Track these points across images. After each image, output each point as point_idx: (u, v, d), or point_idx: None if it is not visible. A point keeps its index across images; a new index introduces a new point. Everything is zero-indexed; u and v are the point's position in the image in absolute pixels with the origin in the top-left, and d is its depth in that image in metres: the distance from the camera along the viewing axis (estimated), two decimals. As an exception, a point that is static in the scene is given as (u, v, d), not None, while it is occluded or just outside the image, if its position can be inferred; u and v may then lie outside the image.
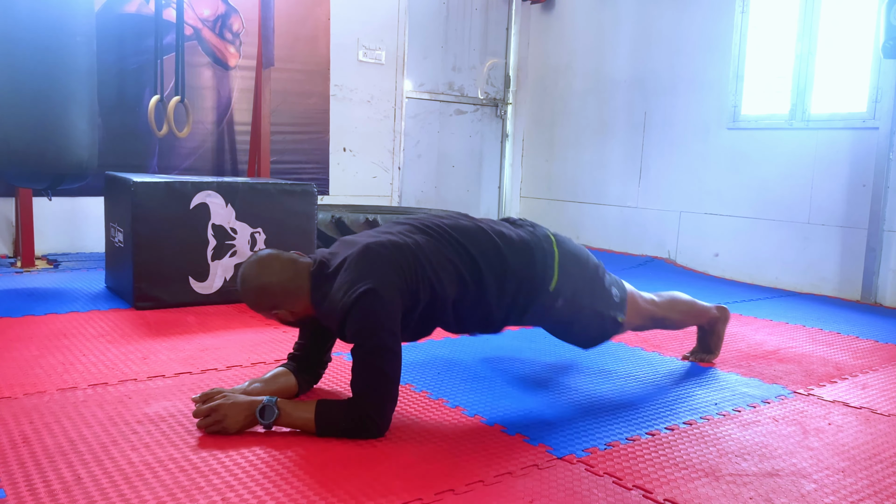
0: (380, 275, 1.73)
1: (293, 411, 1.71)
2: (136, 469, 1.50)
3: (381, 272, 1.73)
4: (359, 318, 1.69)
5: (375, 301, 1.69)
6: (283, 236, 3.25)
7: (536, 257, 1.96)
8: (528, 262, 1.95)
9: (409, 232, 1.89)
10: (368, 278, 1.71)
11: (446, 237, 1.90)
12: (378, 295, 1.69)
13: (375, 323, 1.69)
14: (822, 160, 4.18)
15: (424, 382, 2.17)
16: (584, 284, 2.05)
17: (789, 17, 4.37)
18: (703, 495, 1.52)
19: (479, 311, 1.92)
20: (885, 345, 2.98)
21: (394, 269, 1.75)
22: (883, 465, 1.74)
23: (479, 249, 1.90)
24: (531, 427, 1.85)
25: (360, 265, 1.75)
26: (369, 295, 1.68)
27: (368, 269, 1.74)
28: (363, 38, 5.26)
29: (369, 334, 1.69)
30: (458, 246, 1.89)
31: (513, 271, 1.92)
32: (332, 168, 5.19)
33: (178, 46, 4.09)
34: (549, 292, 1.97)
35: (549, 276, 1.97)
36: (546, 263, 1.97)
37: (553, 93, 5.93)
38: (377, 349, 1.69)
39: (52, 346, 2.39)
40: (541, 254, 1.97)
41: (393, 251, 1.79)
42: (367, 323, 1.69)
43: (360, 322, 1.69)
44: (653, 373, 2.41)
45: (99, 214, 3.89)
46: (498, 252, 1.92)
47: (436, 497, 1.44)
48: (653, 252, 5.13)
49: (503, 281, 1.91)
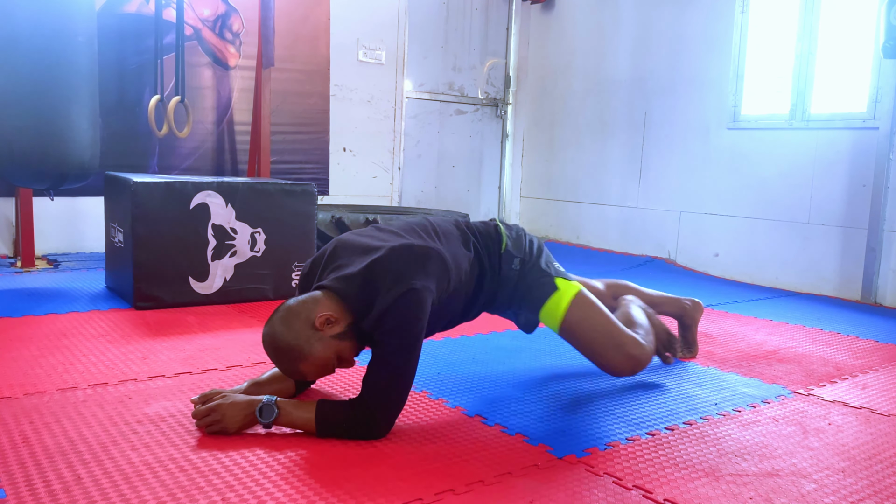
0: (423, 278, 1.73)
1: (293, 411, 1.70)
2: (136, 469, 1.50)
3: (423, 276, 1.74)
4: (398, 316, 1.68)
5: (416, 302, 1.69)
6: (283, 236, 3.26)
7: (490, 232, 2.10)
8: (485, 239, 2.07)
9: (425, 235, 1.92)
10: (412, 279, 1.71)
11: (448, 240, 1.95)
12: (420, 296, 1.69)
13: (411, 323, 1.69)
14: (822, 160, 4.18)
15: (424, 382, 2.17)
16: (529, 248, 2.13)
17: (789, 16, 4.37)
18: (703, 495, 1.52)
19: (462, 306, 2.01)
20: (885, 345, 2.98)
21: (433, 277, 1.77)
22: (883, 465, 1.74)
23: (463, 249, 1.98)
24: (531, 427, 1.85)
25: (404, 263, 1.74)
26: (413, 294, 1.68)
27: (414, 269, 1.73)
28: (363, 38, 5.26)
29: (402, 333, 1.68)
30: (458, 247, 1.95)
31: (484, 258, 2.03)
32: (332, 168, 5.19)
33: (178, 46, 4.09)
34: (503, 254, 2.05)
35: (499, 241, 2.07)
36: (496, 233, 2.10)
37: (553, 93, 5.93)
38: (404, 349, 1.68)
39: (52, 346, 2.39)
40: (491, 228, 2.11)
41: (434, 260, 1.80)
42: (404, 322, 1.68)
43: (399, 319, 1.68)
44: (653, 373, 2.41)
45: (99, 214, 3.89)
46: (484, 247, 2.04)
47: (436, 497, 1.44)
48: (653, 252, 5.13)
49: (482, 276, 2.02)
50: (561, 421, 1.91)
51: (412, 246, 1.79)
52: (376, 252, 1.77)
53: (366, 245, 1.83)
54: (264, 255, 3.21)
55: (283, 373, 1.76)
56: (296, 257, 3.30)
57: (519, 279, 2.07)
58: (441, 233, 1.95)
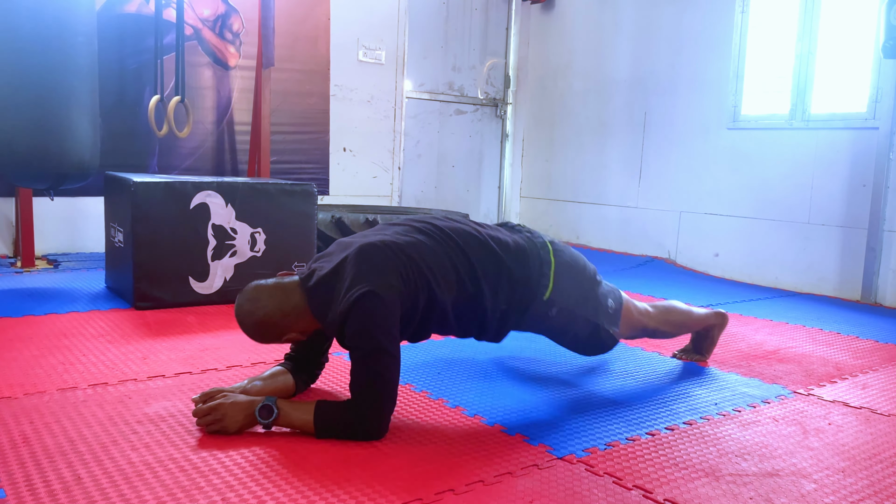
0: (377, 276, 1.71)
1: (292, 411, 1.70)
2: (136, 469, 1.50)
3: (378, 274, 1.71)
4: (356, 321, 1.67)
5: (373, 303, 1.67)
6: (283, 236, 3.25)
7: (532, 264, 1.95)
8: (523, 268, 1.93)
9: (406, 232, 1.87)
10: (365, 280, 1.69)
11: (444, 239, 1.88)
12: (376, 296, 1.67)
13: (373, 325, 1.67)
14: (822, 160, 4.18)
15: (424, 382, 2.17)
16: (579, 294, 2.03)
17: (789, 17, 4.37)
18: (703, 495, 1.52)
19: (476, 316, 1.91)
20: (885, 345, 2.98)
21: (391, 271, 1.73)
22: (883, 465, 1.74)
23: (476, 254, 1.89)
24: (531, 427, 1.85)
25: (356, 267, 1.73)
26: (367, 297, 1.67)
27: (366, 270, 1.72)
28: (363, 38, 5.26)
29: (367, 337, 1.67)
30: (456, 248, 1.87)
31: (508, 277, 1.91)
32: (332, 168, 5.19)
33: (178, 46, 4.09)
34: (544, 301, 1.95)
35: (545, 285, 1.95)
36: (542, 272, 1.96)
37: (553, 93, 5.93)
38: (375, 352, 1.67)
39: (52, 346, 2.39)
40: (537, 261, 1.96)
41: (389, 252, 1.76)
42: (365, 325, 1.67)
43: (358, 324, 1.67)
44: (653, 373, 2.41)
45: (99, 214, 3.89)
46: (495, 257, 1.90)
47: (436, 497, 1.44)
48: (653, 252, 5.13)
49: (498, 286, 1.90)
50: (561, 421, 1.91)
51: (366, 247, 1.77)
52: (337, 257, 1.79)
53: (345, 244, 1.85)
54: (264, 255, 3.21)
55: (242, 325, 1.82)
56: (296, 257, 3.30)
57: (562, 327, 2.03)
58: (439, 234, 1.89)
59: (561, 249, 2.04)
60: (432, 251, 1.83)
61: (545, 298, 1.95)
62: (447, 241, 1.88)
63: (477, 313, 1.90)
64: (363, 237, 1.86)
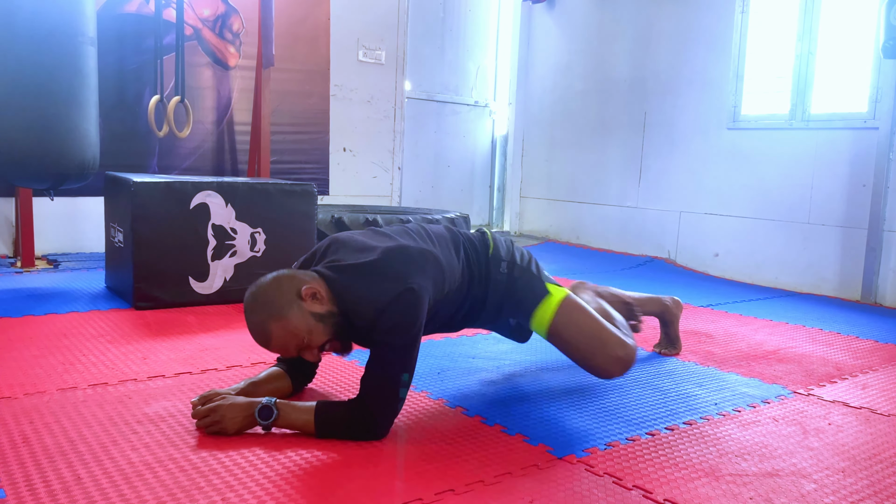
0: (420, 278, 1.74)
1: (292, 412, 1.70)
2: (136, 469, 1.50)
3: (421, 276, 1.74)
4: (396, 315, 1.68)
5: (415, 301, 1.69)
6: (283, 236, 3.25)
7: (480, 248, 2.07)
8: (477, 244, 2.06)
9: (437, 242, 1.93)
10: (410, 279, 1.71)
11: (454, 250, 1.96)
12: (418, 296, 1.69)
13: (411, 322, 1.69)
14: (822, 160, 4.18)
15: (424, 382, 2.17)
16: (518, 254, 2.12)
17: (789, 17, 4.37)
18: (703, 495, 1.52)
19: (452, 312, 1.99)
20: (885, 345, 2.98)
21: (430, 279, 1.78)
22: (883, 465, 1.74)
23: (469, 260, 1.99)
24: (531, 427, 1.85)
25: (402, 264, 1.75)
26: (411, 294, 1.69)
27: (412, 270, 1.74)
28: (363, 38, 5.26)
29: (402, 332, 1.68)
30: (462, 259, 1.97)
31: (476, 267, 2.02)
32: (332, 168, 5.19)
33: (178, 46, 4.09)
34: (490, 257, 2.04)
35: (487, 244, 2.07)
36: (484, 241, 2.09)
37: (553, 93, 5.93)
38: (404, 349, 1.68)
39: (52, 346, 2.39)
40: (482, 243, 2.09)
41: (431, 260, 1.81)
42: (404, 321, 1.68)
43: (397, 319, 1.68)
44: (653, 373, 2.41)
45: (99, 214, 3.89)
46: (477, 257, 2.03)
47: (436, 497, 1.44)
48: (653, 252, 5.13)
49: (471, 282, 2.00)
50: (561, 421, 1.91)
51: (408, 247, 1.80)
52: (372, 252, 1.78)
53: (362, 244, 1.84)
54: (264, 255, 3.21)
55: (251, 331, 1.73)
56: (296, 257, 3.26)
57: (509, 282, 2.05)
58: (434, 237, 1.96)
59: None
60: (450, 265, 1.90)
61: (490, 254, 2.05)
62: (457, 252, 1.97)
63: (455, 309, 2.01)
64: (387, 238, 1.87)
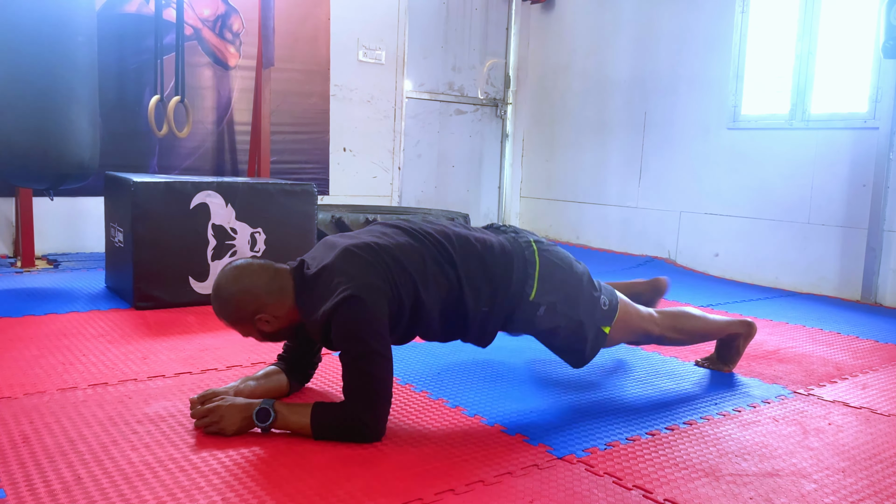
0: (361, 278, 1.70)
1: (289, 415, 1.70)
2: (136, 469, 1.50)
3: (362, 276, 1.70)
4: (343, 324, 1.66)
5: (358, 305, 1.66)
6: (283, 236, 3.25)
7: (517, 266, 1.92)
8: (506, 270, 1.91)
9: (392, 234, 1.87)
10: (350, 283, 1.68)
11: (430, 241, 1.87)
12: (360, 299, 1.66)
13: (360, 328, 1.66)
14: (822, 160, 4.18)
15: (424, 382, 2.17)
16: (566, 293, 1.98)
17: (789, 17, 4.37)
18: (703, 495, 1.52)
19: (458, 318, 1.89)
20: (885, 345, 2.98)
21: (375, 273, 1.72)
22: (883, 465, 1.74)
23: (460, 255, 1.87)
24: (531, 427, 1.85)
25: (341, 268, 1.72)
26: (351, 300, 1.65)
27: (351, 272, 1.71)
28: (363, 38, 5.26)
29: (355, 340, 1.66)
30: (441, 250, 1.86)
31: (491, 279, 1.89)
32: (332, 168, 5.19)
33: (178, 46, 4.09)
34: (530, 302, 1.93)
35: (530, 285, 1.93)
36: (526, 272, 1.93)
37: (553, 93, 5.93)
38: (365, 354, 1.66)
39: (52, 346, 2.39)
40: (521, 262, 1.93)
41: (373, 254, 1.76)
42: (352, 328, 1.66)
43: (344, 328, 1.66)
44: (653, 373, 2.41)
45: (99, 214, 3.89)
46: (479, 259, 1.89)
47: (436, 497, 1.44)
48: (653, 252, 5.13)
49: (480, 288, 1.88)
50: (561, 421, 1.91)
51: (347, 248, 1.76)
52: (324, 259, 1.78)
53: (324, 250, 1.84)
54: (264, 255, 3.21)
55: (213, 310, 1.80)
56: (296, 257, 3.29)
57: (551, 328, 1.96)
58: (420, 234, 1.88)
59: (547, 249, 2.01)
60: (418, 253, 1.82)
61: (531, 299, 1.93)
62: (433, 243, 1.86)
63: (459, 315, 1.88)
64: (349, 238, 1.85)
